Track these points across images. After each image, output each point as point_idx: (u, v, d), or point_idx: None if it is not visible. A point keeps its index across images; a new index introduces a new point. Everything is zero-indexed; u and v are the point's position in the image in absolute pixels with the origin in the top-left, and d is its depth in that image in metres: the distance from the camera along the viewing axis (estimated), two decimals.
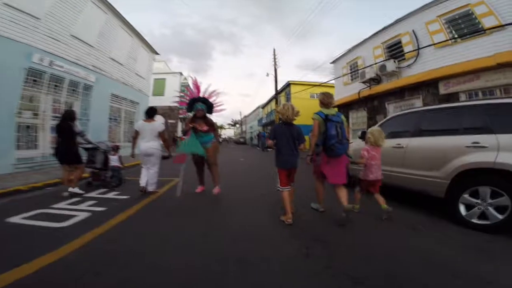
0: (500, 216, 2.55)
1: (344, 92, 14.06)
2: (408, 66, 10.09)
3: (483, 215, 2.70)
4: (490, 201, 2.64)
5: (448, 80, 8.22)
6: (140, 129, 4.12)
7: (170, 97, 23.28)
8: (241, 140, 48.13)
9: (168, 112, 22.68)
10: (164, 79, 24.21)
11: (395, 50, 10.80)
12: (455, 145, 3.00)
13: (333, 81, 15.90)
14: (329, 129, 2.84)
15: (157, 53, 17.54)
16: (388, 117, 4.44)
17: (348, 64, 13.90)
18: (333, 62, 15.63)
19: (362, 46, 12.78)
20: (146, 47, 14.62)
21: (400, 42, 10.60)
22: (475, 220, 2.75)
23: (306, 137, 3.73)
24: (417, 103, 9.36)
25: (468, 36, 7.72)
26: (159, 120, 4.34)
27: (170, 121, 22.56)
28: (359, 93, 12.12)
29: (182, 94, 4.46)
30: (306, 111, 5.03)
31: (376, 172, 3.14)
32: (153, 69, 17.31)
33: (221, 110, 4.19)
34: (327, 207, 3.34)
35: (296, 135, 2.91)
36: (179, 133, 23.20)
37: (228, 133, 77.59)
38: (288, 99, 24.18)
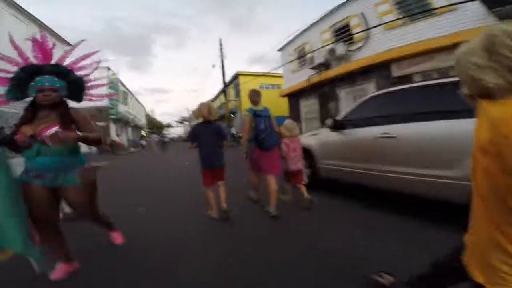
0: None
1: (293, 80, 13.26)
2: (358, 49, 9.61)
3: None
4: None
5: (400, 62, 7.83)
6: None
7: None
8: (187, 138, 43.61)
9: (97, 114, 19.00)
10: None
11: (344, 33, 10.24)
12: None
13: (281, 70, 15.03)
14: (258, 124, 2.93)
15: (68, 44, 14.19)
16: (363, 99, 3.34)
17: (296, 50, 13.09)
18: (280, 49, 14.71)
19: (310, 31, 12.04)
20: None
21: (348, 25, 10.09)
22: None
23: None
24: (370, 88, 8.89)
25: (420, 16, 7.38)
26: None
27: (99, 123, 18.96)
28: (308, 79, 11.34)
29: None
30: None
31: (297, 163, 3.23)
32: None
33: (100, 95, 2.13)
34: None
35: (217, 133, 2.91)
36: (110, 135, 19.73)
37: (177, 131, 72.92)
38: (237, 91, 22.76)
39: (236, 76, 22.04)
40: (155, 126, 58.78)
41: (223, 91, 21.26)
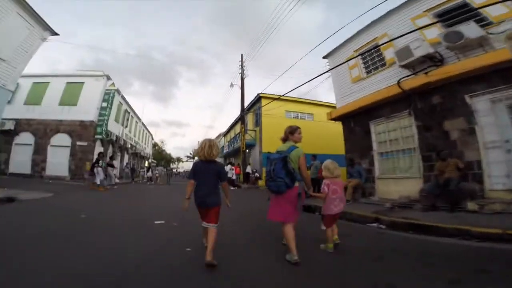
0: None
1: (353, 94, 8.68)
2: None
3: None
4: None
5: None
6: None
7: (86, 108, 15.88)
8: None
9: (77, 131, 14.85)
10: (81, 83, 16.56)
11: (460, 15, 5.83)
12: None
13: (323, 93, 10.61)
14: (266, 167, 2.93)
15: (54, 33, 10.76)
16: None
17: (359, 51, 8.71)
18: (327, 56, 10.48)
19: (386, 21, 7.80)
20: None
21: (466, 3, 5.81)
22: None
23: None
24: None
25: None
26: None
27: (80, 143, 14.66)
28: (398, 83, 6.64)
29: None
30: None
31: (339, 205, 3.08)
32: (35, 51, 10.06)
33: None
34: None
35: (217, 173, 2.71)
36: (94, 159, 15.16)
37: (186, 166, 69.30)
38: (258, 119, 18.42)
39: (258, 99, 17.88)
40: (164, 158, 55.30)
41: (241, 118, 16.95)
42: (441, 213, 4.95)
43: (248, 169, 16.87)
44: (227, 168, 15.28)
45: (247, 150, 18.07)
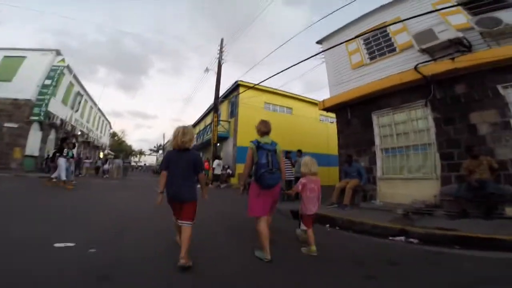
0: None
1: (352, 81, 7.70)
2: None
3: None
4: None
5: None
6: None
7: (22, 85, 12.54)
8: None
9: (7, 110, 11.71)
10: (21, 57, 13.35)
11: (489, 5, 5.14)
12: None
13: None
14: (259, 158, 2.69)
15: None
16: None
17: (363, 36, 7.71)
18: (322, 40, 9.38)
19: (401, 5, 6.88)
20: None
21: None
22: None
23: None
24: None
25: None
26: None
27: (8, 125, 11.57)
28: (416, 67, 5.71)
29: None
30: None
31: (316, 204, 3.03)
32: None
33: None
34: None
35: (192, 163, 2.46)
36: (28, 145, 11.91)
37: (149, 160, 64.64)
38: (233, 109, 16.81)
39: (235, 86, 16.26)
40: (124, 150, 50.44)
41: (214, 106, 15.10)
42: (475, 220, 4.09)
43: (215, 165, 13.70)
44: (215, 163, 13.52)
45: (218, 144, 16.26)
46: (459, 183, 4.79)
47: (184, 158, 2.44)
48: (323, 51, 8.78)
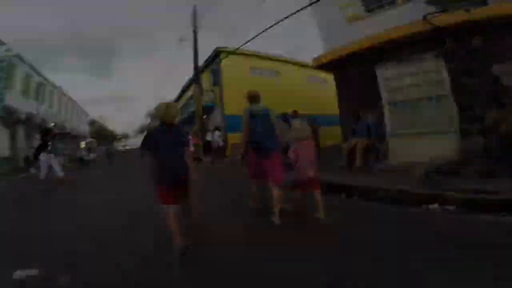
0: None
1: (348, 35, 6.69)
2: None
3: None
4: None
5: None
6: None
7: None
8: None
9: None
10: None
11: None
12: None
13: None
14: (254, 126, 2.73)
15: None
16: None
17: None
18: None
19: None
20: None
21: None
22: None
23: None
24: None
25: None
26: None
27: None
28: (425, 17, 4.80)
29: None
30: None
31: (311, 167, 2.91)
32: None
33: None
34: None
35: (181, 138, 2.33)
36: None
37: (135, 142, 62.58)
38: (217, 78, 15.42)
39: (215, 55, 14.72)
40: (107, 137, 48.25)
41: (194, 78, 13.64)
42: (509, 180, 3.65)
43: (209, 137, 12.70)
44: (215, 135, 12.22)
45: (205, 116, 15.08)
46: (484, 137, 4.29)
47: (173, 134, 2.28)
48: (312, 3, 7.53)
